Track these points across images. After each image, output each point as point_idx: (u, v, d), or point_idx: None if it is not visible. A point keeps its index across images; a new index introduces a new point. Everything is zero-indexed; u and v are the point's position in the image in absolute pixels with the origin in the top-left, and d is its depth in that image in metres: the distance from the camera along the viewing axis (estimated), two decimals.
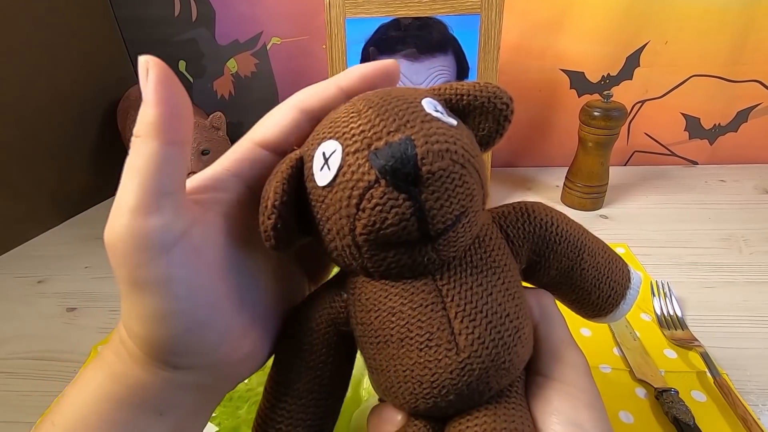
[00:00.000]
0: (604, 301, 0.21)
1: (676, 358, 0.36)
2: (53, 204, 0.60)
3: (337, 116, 0.16)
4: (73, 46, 0.60)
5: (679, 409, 0.30)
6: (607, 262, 0.21)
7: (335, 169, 0.15)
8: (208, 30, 0.64)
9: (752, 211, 0.55)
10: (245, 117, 0.71)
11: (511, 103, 0.17)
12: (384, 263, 0.16)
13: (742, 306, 0.41)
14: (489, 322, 0.16)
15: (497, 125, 0.18)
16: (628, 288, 0.21)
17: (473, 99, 0.17)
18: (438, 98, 0.17)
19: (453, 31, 0.51)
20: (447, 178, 0.14)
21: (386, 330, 0.17)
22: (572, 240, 0.20)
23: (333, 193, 0.15)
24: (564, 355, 0.19)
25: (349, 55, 0.53)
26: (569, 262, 0.20)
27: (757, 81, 0.61)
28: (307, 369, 0.19)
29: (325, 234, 0.16)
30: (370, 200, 0.14)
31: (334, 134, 0.16)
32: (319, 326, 0.19)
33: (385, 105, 0.15)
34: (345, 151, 0.15)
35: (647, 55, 0.61)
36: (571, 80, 0.63)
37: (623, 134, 0.67)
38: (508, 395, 0.17)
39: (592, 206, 0.57)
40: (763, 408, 0.32)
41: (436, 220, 0.15)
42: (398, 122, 0.15)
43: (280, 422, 0.19)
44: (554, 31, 0.60)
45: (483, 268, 0.17)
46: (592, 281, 0.20)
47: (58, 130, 0.59)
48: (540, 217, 0.20)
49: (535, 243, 0.19)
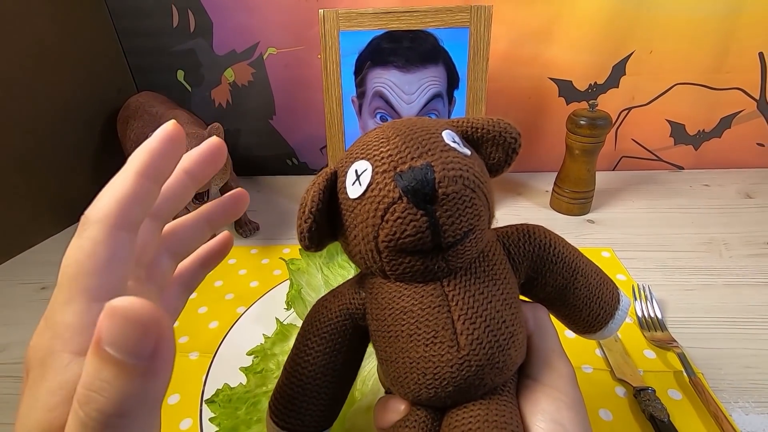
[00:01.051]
0: (594, 319, 0.23)
1: (654, 358, 0.38)
2: (55, 211, 0.62)
3: (369, 140, 0.19)
4: (74, 56, 0.61)
5: (655, 407, 0.32)
6: (599, 284, 0.23)
7: (365, 185, 0.18)
8: (206, 40, 0.66)
9: (733, 216, 0.57)
10: (242, 125, 0.72)
11: (519, 138, 0.20)
12: (400, 267, 0.19)
13: (720, 308, 0.43)
14: (487, 326, 0.18)
15: (506, 156, 0.21)
16: (617, 309, 0.23)
17: (486, 132, 0.20)
18: (455, 130, 0.20)
19: (443, 44, 0.53)
20: (459, 199, 0.17)
21: (397, 326, 0.19)
22: (567, 261, 0.22)
23: (362, 205, 0.18)
24: (553, 364, 0.21)
25: (343, 66, 0.54)
26: (563, 281, 0.22)
27: (739, 89, 0.63)
28: (323, 353, 0.22)
29: (352, 239, 0.19)
30: (393, 213, 0.17)
31: (366, 155, 0.19)
32: (338, 318, 0.22)
33: (410, 134, 0.18)
34: (375, 170, 0.18)
35: (633, 64, 0.63)
36: (560, 88, 0.65)
37: (611, 140, 0.69)
38: (501, 393, 0.19)
39: (580, 211, 0.59)
40: (735, 405, 0.34)
41: (447, 234, 0.17)
42: (421, 150, 0.18)
43: (295, 397, 0.22)
44: (543, 41, 0.62)
45: (485, 279, 0.19)
46: (583, 300, 0.23)
47: (59, 138, 0.61)
48: (539, 238, 0.22)
49: (533, 261, 0.22)
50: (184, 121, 0.53)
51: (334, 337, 0.22)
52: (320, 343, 0.22)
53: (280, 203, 0.66)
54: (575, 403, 0.20)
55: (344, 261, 0.45)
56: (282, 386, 0.23)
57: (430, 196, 0.17)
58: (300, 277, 0.43)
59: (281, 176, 0.75)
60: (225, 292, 0.48)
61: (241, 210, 0.22)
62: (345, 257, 0.45)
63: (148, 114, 0.57)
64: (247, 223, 0.59)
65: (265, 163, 0.75)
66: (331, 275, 0.44)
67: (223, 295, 0.47)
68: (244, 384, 0.35)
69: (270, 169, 0.75)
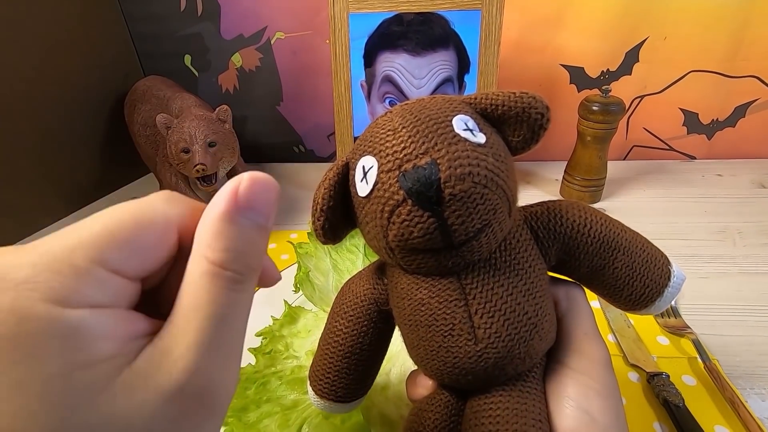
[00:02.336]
0: (638, 298, 0.21)
1: (668, 344, 0.37)
2: (62, 195, 0.62)
3: (376, 130, 0.18)
4: (82, 41, 0.61)
5: (670, 392, 0.32)
6: (645, 262, 0.21)
7: (372, 184, 0.17)
8: (214, 24, 0.65)
9: (748, 205, 0.56)
10: (249, 111, 0.72)
11: (547, 113, 0.18)
12: (414, 263, 0.18)
13: (735, 296, 0.42)
14: (507, 320, 0.18)
15: (532, 133, 0.18)
16: (667, 287, 0.21)
17: (508, 109, 0.18)
18: (473, 109, 0.18)
19: (454, 26, 0.52)
20: (468, 198, 0.16)
21: (416, 316, 0.19)
22: (605, 240, 0.20)
23: (369, 204, 0.18)
24: (585, 348, 0.19)
25: (352, 50, 0.54)
26: (601, 261, 0.20)
27: (755, 77, 0.62)
28: (350, 335, 0.23)
29: (366, 233, 0.19)
30: (399, 216, 0.16)
31: (373, 150, 0.18)
32: (363, 302, 0.23)
33: (417, 125, 0.17)
34: (380, 168, 0.17)
35: (646, 51, 0.62)
36: (571, 75, 0.64)
37: (622, 129, 0.68)
38: (525, 379, 0.19)
39: (591, 199, 0.58)
40: (751, 391, 0.33)
41: (458, 234, 0.16)
42: (426, 145, 0.16)
43: (328, 372, 0.23)
44: (554, 27, 0.61)
45: (506, 270, 0.18)
46: (624, 279, 0.21)
47: (66, 123, 0.60)
48: (572, 218, 0.20)
49: (565, 243, 0.20)
50: (191, 103, 0.52)
51: (360, 320, 0.22)
52: (347, 325, 0.23)
53: (288, 190, 0.66)
54: (607, 389, 0.18)
55: (352, 245, 0.45)
56: (317, 360, 0.24)
57: (436, 198, 0.16)
58: (308, 261, 0.42)
59: (288, 164, 0.74)
60: None
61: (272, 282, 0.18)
62: (353, 242, 0.45)
63: (155, 98, 0.56)
64: None
65: (272, 150, 0.74)
66: (340, 259, 0.44)
67: None
68: (253, 364, 0.34)
69: (277, 156, 0.74)
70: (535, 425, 0.18)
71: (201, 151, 0.46)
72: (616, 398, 0.19)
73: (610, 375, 0.19)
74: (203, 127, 0.47)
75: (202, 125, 0.47)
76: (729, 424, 0.31)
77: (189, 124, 0.47)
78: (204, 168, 0.46)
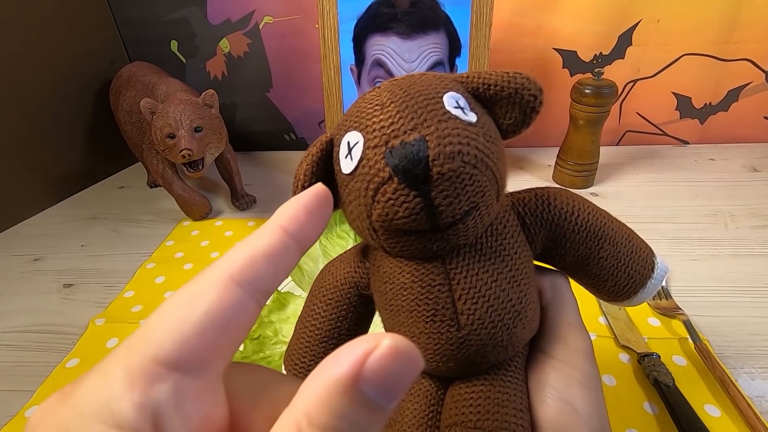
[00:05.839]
0: (621, 289, 0.21)
1: (659, 325, 0.37)
2: (48, 184, 0.60)
3: (363, 105, 0.17)
4: (65, 26, 0.59)
5: (660, 371, 0.32)
6: (630, 252, 0.20)
7: (357, 161, 0.16)
8: (200, 9, 0.64)
9: (739, 189, 0.56)
10: (238, 98, 0.71)
11: (540, 95, 0.17)
12: (398, 246, 0.17)
13: (726, 278, 0.42)
14: (490, 306, 0.17)
15: (524, 116, 0.18)
16: (650, 278, 0.21)
17: (500, 89, 0.17)
18: (464, 87, 0.18)
19: (445, 8, 0.51)
20: (457, 178, 0.15)
21: (398, 301, 0.18)
22: (592, 230, 0.20)
23: (353, 182, 0.17)
24: (568, 338, 0.19)
25: (341, 33, 0.53)
26: (587, 251, 0.20)
27: (748, 60, 0.62)
28: (328, 319, 0.22)
29: (349, 213, 0.18)
30: (384, 194, 0.16)
31: (359, 125, 0.17)
32: (343, 286, 0.22)
33: (406, 101, 0.16)
34: (366, 144, 0.16)
35: (639, 34, 0.61)
36: (564, 59, 0.63)
37: (615, 114, 0.67)
38: (507, 368, 0.18)
39: (583, 184, 0.58)
40: (741, 371, 0.33)
41: (445, 215, 0.16)
42: (415, 120, 0.16)
43: (304, 357, 0.22)
44: (547, 10, 0.60)
45: (491, 255, 0.18)
46: (609, 269, 0.20)
47: (51, 111, 0.59)
48: (560, 206, 0.20)
49: (551, 231, 0.20)
50: (177, 88, 0.51)
51: (339, 304, 0.22)
52: (326, 309, 0.22)
53: (278, 178, 0.65)
54: (589, 379, 0.18)
55: (343, 231, 0.44)
56: (293, 344, 0.23)
57: (423, 176, 0.15)
58: None
59: (279, 152, 0.73)
60: None
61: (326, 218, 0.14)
62: (343, 228, 0.44)
63: (140, 83, 0.55)
64: (244, 195, 0.57)
65: (262, 138, 0.73)
66: (330, 245, 0.43)
67: None
68: (241, 350, 0.34)
69: (267, 144, 0.74)
70: (517, 415, 0.17)
71: (187, 136, 0.45)
72: (598, 389, 0.18)
73: (592, 365, 0.19)
74: (189, 111, 0.46)
75: (187, 110, 0.46)
76: (719, 403, 0.31)
77: (174, 108, 0.46)
78: (190, 153, 0.45)
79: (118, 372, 0.10)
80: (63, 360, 0.37)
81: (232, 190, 0.58)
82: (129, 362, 0.10)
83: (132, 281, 0.46)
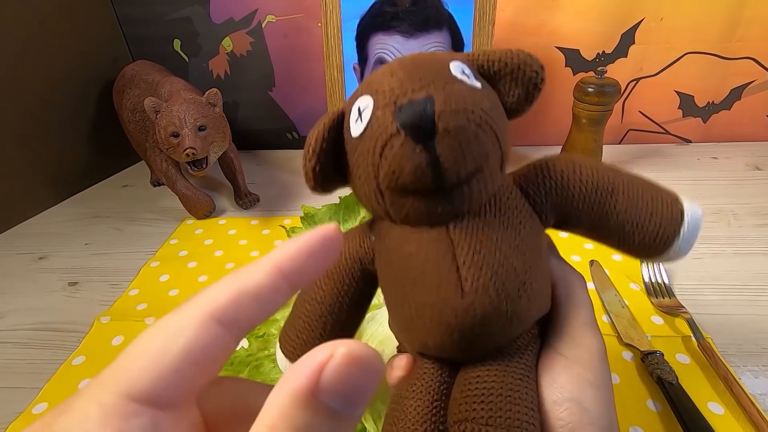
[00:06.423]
0: (652, 241, 0.19)
1: (662, 324, 0.37)
2: (51, 183, 0.61)
3: (374, 76, 0.18)
4: (69, 26, 0.60)
5: (663, 369, 0.32)
6: (651, 201, 0.19)
7: (366, 122, 0.17)
8: (203, 8, 0.64)
9: (743, 187, 0.56)
10: (241, 97, 0.71)
11: (541, 72, 0.18)
12: (403, 210, 0.18)
13: (729, 276, 0.42)
14: (494, 273, 0.17)
15: (526, 93, 0.18)
16: (681, 225, 0.19)
17: (504, 66, 0.18)
18: (470, 63, 0.18)
19: (448, 7, 0.51)
20: (461, 135, 0.16)
21: (403, 271, 0.18)
22: (600, 185, 0.19)
23: (363, 143, 0.17)
24: (581, 338, 0.19)
25: (344, 31, 0.53)
26: (601, 207, 0.19)
27: (751, 58, 0.61)
28: (330, 294, 0.22)
29: (357, 179, 0.18)
30: (391, 149, 0.16)
31: (369, 90, 0.17)
32: (348, 260, 0.22)
33: (416, 67, 0.17)
34: (375, 106, 0.17)
35: (642, 33, 0.61)
36: (567, 58, 0.63)
37: (617, 112, 0.67)
38: (518, 362, 0.18)
39: None
40: (744, 369, 0.33)
41: (450, 173, 0.16)
42: (423, 81, 0.16)
43: (302, 332, 0.22)
44: (549, 8, 0.60)
45: (495, 225, 0.18)
46: (631, 222, 0.19)
47: (55, 110, 0.59)
48: (560, 168, 0.19)
49: (558, 196, 0.19)
50: (181, 87, 0.51)
51: (342, 278, 0.22)
52: (328, 283, 0.22)
53: (281, 176, 0.65)
54: (600, 380, 0.18)
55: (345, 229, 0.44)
56: (291, 320, 0.23)
57: (429, 131, 0.15)
58: None
59: (281, 150, 0.73)
60: (225, 261, 0.47)
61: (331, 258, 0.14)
62: (347, 226, 0.44)
63: (144, 82, 0.55)
64: (247, 194, 0.58)
65: (265, 137, 0.73)
66: None
67: (224, 264, 0.47)
68: (246, 348, 0.34)
69: (270, 143, 0.74)
70: (528, 413, 0.17)
71: (191, 134, 0.46)
72: (609, 389, 0.18)
73: (604, 367, 0.19)
74: (193, 110, 0.46)
75: (191, 109, 0.46)
76: (722, 401, 0.31)
77: (178, 107, 0.46)
78: (194, 152, 0.45)
79: (92, 410, 0.10)
80: (69, 357, 0.37)
81: (236, 188, 0.58)
82: (103, 399, 0.10)
83: (136, 279, 0.46)
